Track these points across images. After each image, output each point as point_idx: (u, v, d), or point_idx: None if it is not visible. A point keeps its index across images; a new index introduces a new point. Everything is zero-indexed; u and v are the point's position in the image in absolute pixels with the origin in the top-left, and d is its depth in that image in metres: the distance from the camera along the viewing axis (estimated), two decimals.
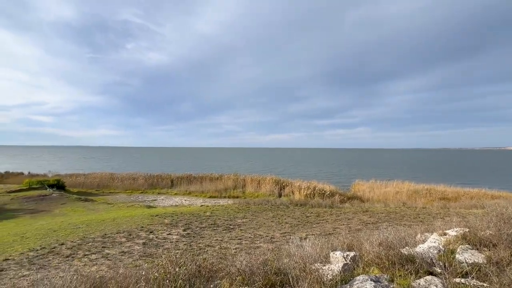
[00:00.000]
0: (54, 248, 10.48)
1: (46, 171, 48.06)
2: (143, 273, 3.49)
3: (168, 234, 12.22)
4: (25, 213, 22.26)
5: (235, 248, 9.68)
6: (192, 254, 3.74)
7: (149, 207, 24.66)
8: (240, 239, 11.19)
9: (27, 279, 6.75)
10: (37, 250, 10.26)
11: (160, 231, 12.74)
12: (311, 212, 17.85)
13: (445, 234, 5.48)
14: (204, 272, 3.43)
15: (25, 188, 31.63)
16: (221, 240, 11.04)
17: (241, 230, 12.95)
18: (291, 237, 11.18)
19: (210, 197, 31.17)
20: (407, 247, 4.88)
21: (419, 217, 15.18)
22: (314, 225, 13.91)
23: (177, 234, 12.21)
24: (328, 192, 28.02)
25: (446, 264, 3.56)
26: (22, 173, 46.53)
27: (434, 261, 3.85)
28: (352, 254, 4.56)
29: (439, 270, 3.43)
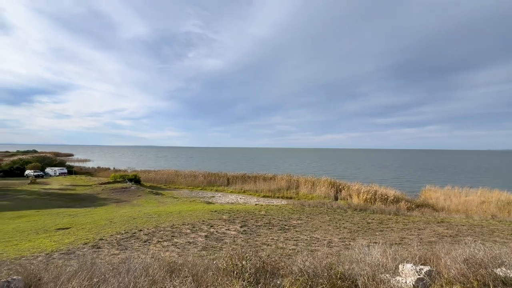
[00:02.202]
0: (134, 233, 12.25)
1: (126, 167, 56.45)
2: (214, 262, 3.78)
3: (226, 230, 12.94)
4: (112, 202, 26.61)
5: (291, 249, 9.63)
6: (256, 250, 3.89)
7: (208, 203, 26.55)
8: (296, 240, 11.07)
9: (117, 257, 8.07)
10: (122, 234, 12.15)
11: (219, 226, 13.59)
12: (373, 219, 16.47)
13: None
14: (268, 268, 3.53)
15: (111, 181, 37.84)
16: (277, 240, 11.12)
17: (296, 231, 12.82)
18: (351, 243, 10.54)
19: (264, 196, 31.76)
20: (503, 268, 4.07)
21: None
22: (376, 233, 12.78)
23: (234, 230, 12.82)
24: (392, 198, 25.40)
25: None
26: (108, 168, 55.83)
27: None
28: (426, 268, 4.03)
29: None
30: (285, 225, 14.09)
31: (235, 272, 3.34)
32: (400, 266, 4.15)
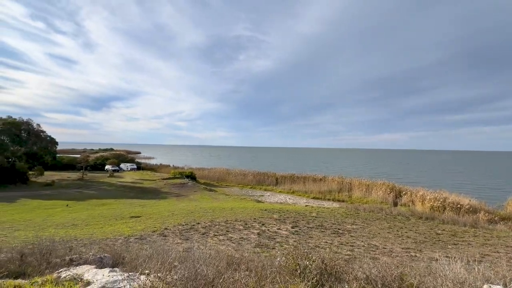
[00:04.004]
0: (193, 225, 13.31)
1: (183, 165, 61.66)
2: (278, 260, 3.85)
3: (277, 229, 13.02)
4: (172, 196, 29.42)
5: (347, 255, 9.15)
6: (318, 251, 3.82)
7: (258, 201, 27.12)
8: (352, 246, 10.47)
9: (181, 246, 8.90)
10: (183, 225, 13.33)
11: (270, 225, 13.76)
12: (443, 229, 14.49)
13: None
14: (331, 271, 3.43)
15: (171, 177, 41.80)
16: (331, 244, 10.71)
17: (351, 236, 12.12)
18: (417, 254, 9.48)
19: (314, 198, 30.89)
20: None
21: None
22: (449, 246, 11.20)
23: (286, 230, 12.81)
24: (467, 207, 21.85)
25: None
26: (169, 165, 61.77)
27: None
28: None
29: None
30: (339, 229, 13.45)
31: (298, 272, 3.35)
32: (485, 286, 3.56)
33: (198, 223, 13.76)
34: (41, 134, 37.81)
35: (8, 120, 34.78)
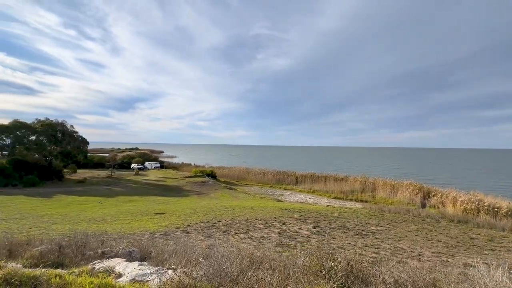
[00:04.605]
0: (215, 223, 13.56)
1: (204, 163, 63.01)
2: (302, 260, 3.80)
3: (298, 229, 12.88)
4: (194, 194, 30.19)
5: (372, 257, 8.83)
6: (341, 252, 3.72)
7: (278, 200, 27.02)
8: (377, 248, 10.09)
9: (203, 243, 9.11)
10: (205, 222, 13.62)
11: (291, 224, 13.65)
12: (478, 234, 13.50)
13: None
14: (357, 273, 3.32)
15: (193, 175, 42.90)
16: (354, 245, 10.40)
17: (376, 238, 11.68)
18: (449, 259, 8.92)
19: (335, 198, 30.17)
20: None
21: None
22: (485, 252, 10.41)
23: (307, 230, 12.64)
24: (506, 210, 20.15)
25: None
26: (190, 164, 63.45)
27: None
28: None
29: None
30: (362, 230, 13.02)
31: (323, 273, 3.28)
32: None
33: (219, 221, 14.00)
34: (74, 134, 40.50)
35: (46, 122, 37.64)
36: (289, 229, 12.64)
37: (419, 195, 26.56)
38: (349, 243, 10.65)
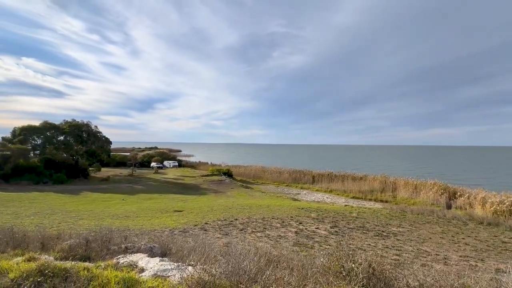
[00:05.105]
0: (231, 221, 13.70)
1: (220, 162, 63.79)
2: (321, 260, 3.75)
3: (316, 228, 12.70)
4: (211, 192, 30.68)
5: (394, 259, 8.52)
6: (365, 253, 3.61)
7: (294, 199, 26.79)
8: (399, 250, 9.72)
9: (221, 240, 9.24)
10: (222, 220, 13.80)
11: (308, 224, 13.49)
12: (510, 237, 12.62)
13: None
14: (379, 276, 3.21)
15: (210, 174, 43.59)
16: (374, 246, 10.09)
17: (398, 240, 11.26)
18: (478, 264, 8.41)
19: (353, 197, 29.44)
20: None
21: None
22: None
23: (324, 230, 12.43)
24: None
25: None
26: (207, 163, 64.51)
27: None
28: None
29: None
30: (383, 231, 12.60)
31: (343, 274, 3.20)
32: None
33: (236, 219, 14.12)
34: (98, 134, 42.53)
35: (72, 123, 39.85)
36: (306, 229, 12.50)
37: (444, 196, 25.27)
38: (369, 244, 10.35)
